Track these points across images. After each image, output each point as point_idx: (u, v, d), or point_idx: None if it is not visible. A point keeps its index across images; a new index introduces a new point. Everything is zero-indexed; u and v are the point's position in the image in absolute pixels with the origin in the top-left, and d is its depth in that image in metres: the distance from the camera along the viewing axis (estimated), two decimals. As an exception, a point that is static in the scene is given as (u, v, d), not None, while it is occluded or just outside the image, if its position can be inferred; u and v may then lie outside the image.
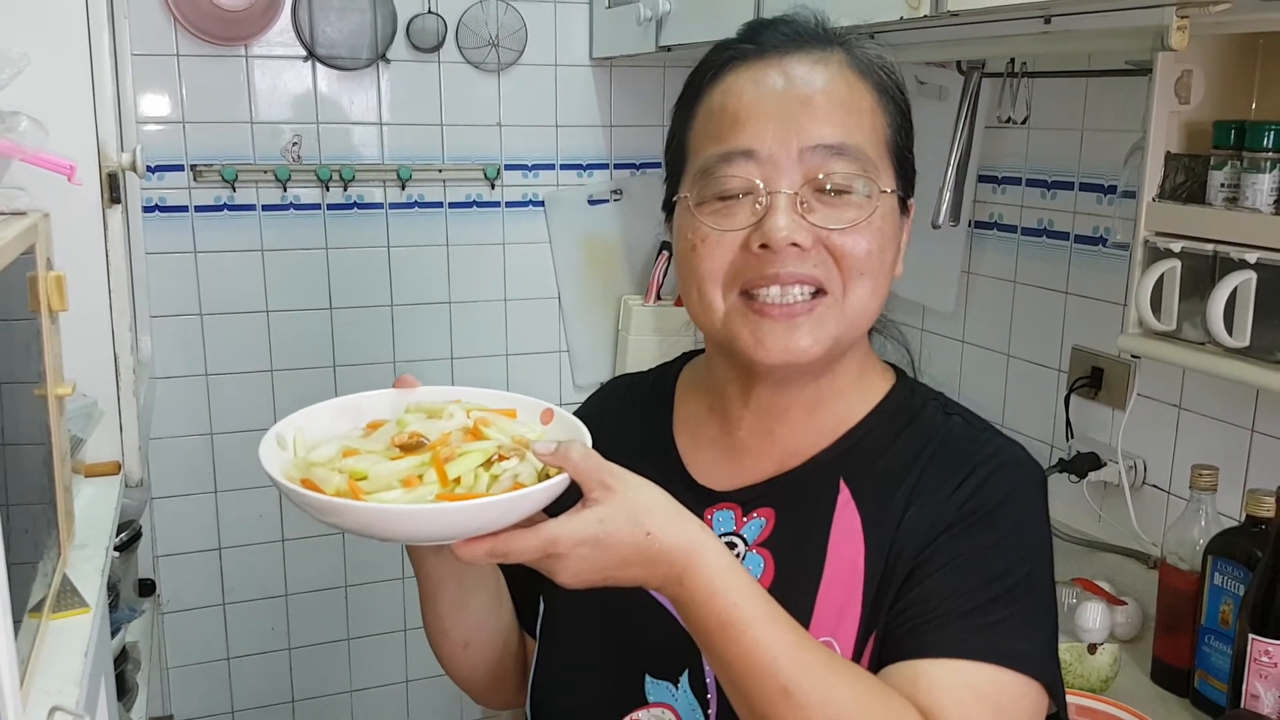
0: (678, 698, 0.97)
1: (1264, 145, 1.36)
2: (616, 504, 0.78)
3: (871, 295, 0.94)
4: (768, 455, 1.00)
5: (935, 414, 0.99)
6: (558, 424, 0.89)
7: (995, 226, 2.20)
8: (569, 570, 0.78)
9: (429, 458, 0.80)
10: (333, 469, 0.81)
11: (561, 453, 0.78)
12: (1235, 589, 1.43)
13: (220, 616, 2.54)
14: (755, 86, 0.93)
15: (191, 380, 2.41)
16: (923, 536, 0.91)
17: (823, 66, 0.93)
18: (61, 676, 0.92)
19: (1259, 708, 1.35)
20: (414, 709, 2.74)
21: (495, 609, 1.07)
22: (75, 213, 1.32)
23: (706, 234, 0.93)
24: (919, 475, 0.94)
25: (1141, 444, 1.87)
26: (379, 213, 2.48)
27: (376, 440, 0.85)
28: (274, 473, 0.79)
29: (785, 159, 0.91)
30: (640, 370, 1.19)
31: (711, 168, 0.93)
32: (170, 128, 2.30)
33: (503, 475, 0.80)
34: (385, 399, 0.91)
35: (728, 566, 0.80)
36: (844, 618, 0.92)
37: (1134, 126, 1.76)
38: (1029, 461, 0.97)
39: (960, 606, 0.87)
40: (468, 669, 1.11)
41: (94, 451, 1.41)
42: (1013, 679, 0.86)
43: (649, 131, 2.65)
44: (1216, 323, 1.38)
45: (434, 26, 2.41)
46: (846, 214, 0.91)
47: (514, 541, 0.77)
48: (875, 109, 0.95)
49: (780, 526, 0.98)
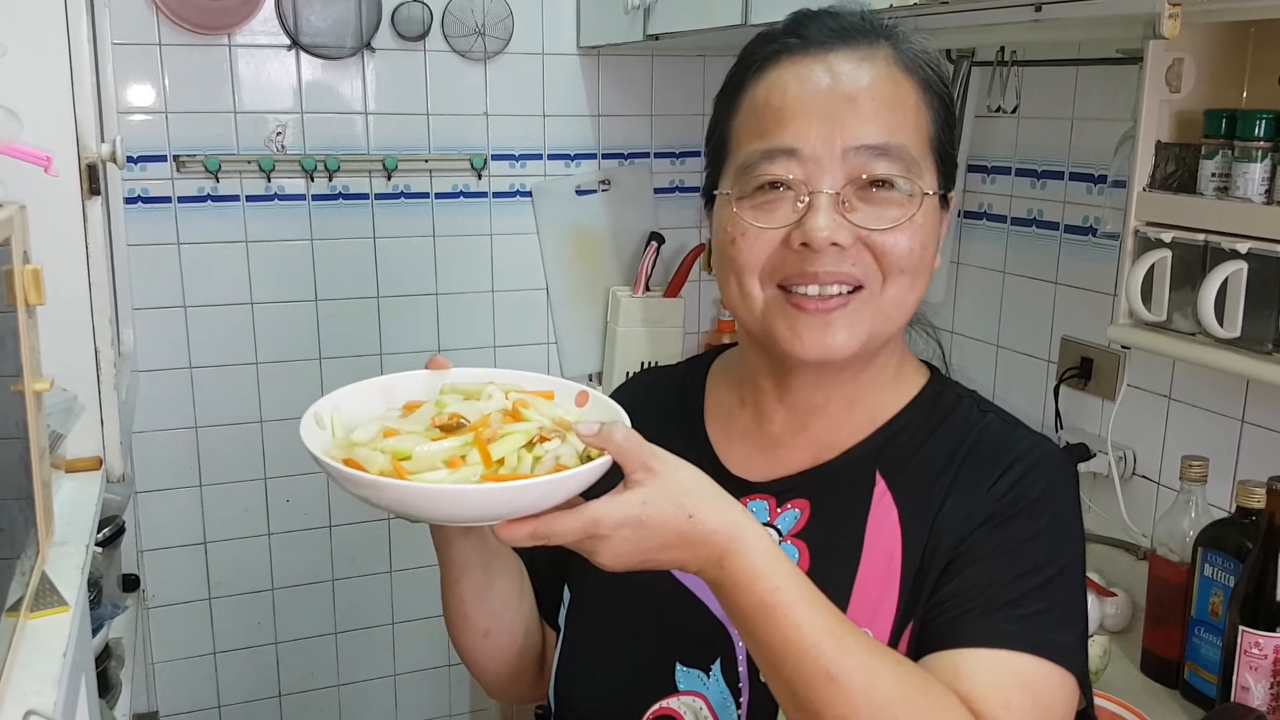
0: (709, 686, 0.97)
1: (1255, 134, 1.36)
2: (659, 485, 0.78)
3: (909, 291, 0.94)
4: (802, 448, 1.01)
5: (970, 410, 1.00)
6: (594, 406, 0.89)
7: (985, 216, 2.19)
8: (610, 552, 0.78)
9: (472, 439, 0.80)
10: (375, 449, 0.81)
11: (604, 434, 0.78)
12: (1225, 580, 1.43)
13: (206, 611, 2.52)
14: (800, 83, 0.92)
15: (175, 373, 2.39)
16: (960, 529, 0.91)
17: (869, 64, 0.93)
18: (39, 678, 0.90)
19: (1249, 700, 1.35)
20: (402, 702, 2.73)
21: (517, 597, 1.07)
22: (53, 204, 1.30)
23: (746, 229, 0.93)
24: (956, 470, 0.95)
25: (1131, 435, 1.87)
26: (364, 203, 2.46)
27: (416, 421, 0.85)
28: (316, 451, 0.79)
29: (828, 158, 0.90)
30: (665, 364, 1.20)
31: (754, 164, 0.93)
32: (153, 118, 2.27)
33: (545, 456, 0.79)
34: (419, 380, 0.92)
35: (769, 550, 0.80)
36: (880, 609, 0.92)
37: (1124, 115, 1.75)
38: (1062, 457, 0.98)
39: (1000, 597, 0.88)
40: (487, 658, 1.10)
41: (75, 447, 1.39)
42: (1050, 670, 0.86)
43: (637, 121, 2.63)
44: (1207, 313, 1.38)
45: (419, 15, 2.39)
46: (889, 213, 0.92)
47: (556, 523, 0.77)
48: (920, 106, 0.94)
49: (815, 518, 0.98)
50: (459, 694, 2.76)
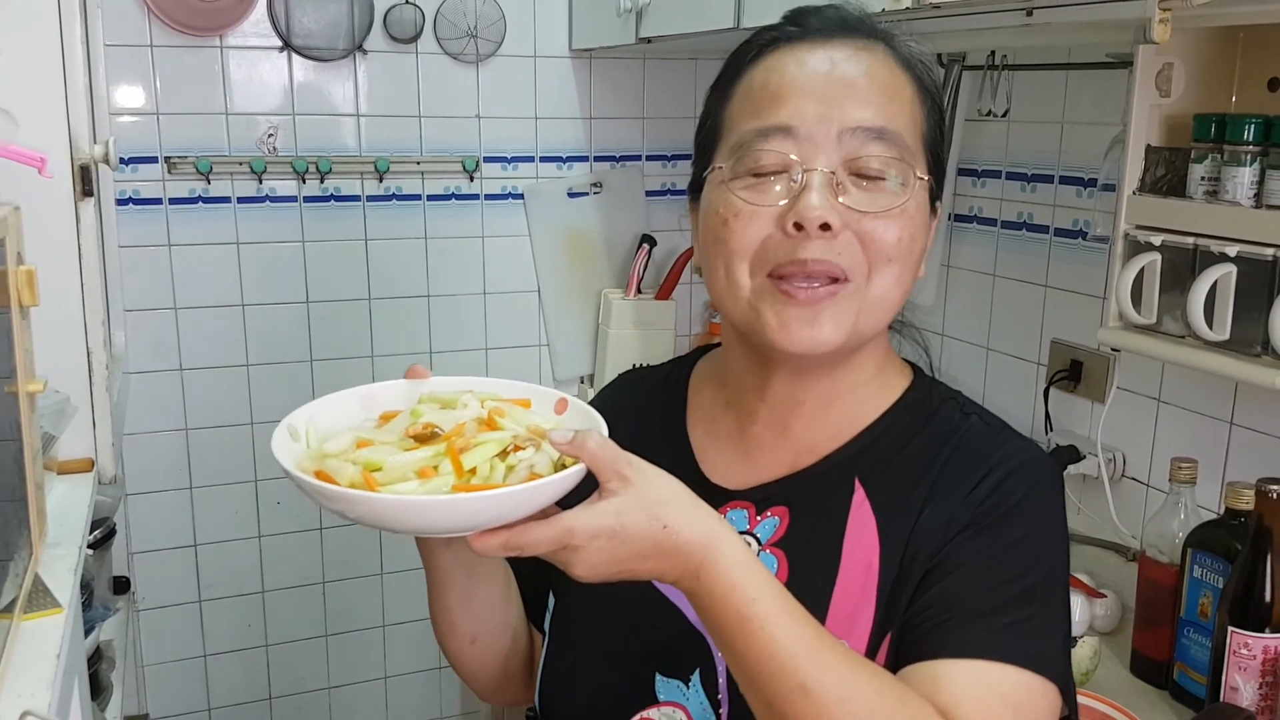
0: (689, 696, 0.96)
1: (1244, 139, 1.37)
2: (633, 495, 0.77)
3: (895, 284, 0.92)
4: (782, 452, 1.00)
5: (953, 413, 0.99)
6: (573, 413, 0.88)
7: (975, 220, 2.20)
8: (584, 562, 0.77)
9: (444, 448, 0.80)
10: (346, 460, 0.80)
11: (578, 442, 0.77)
12: (1214, 581, 1.44)
13: (196, 613, 2.51)
14: (798, 65, 0.92)
15: (166, 375, 2.38)
16: (939, 536, 0.90)
17: (867, 54, 0.93)
18: (33, 679, 0.90)
19: (1238, 700, 1.35)
20: (392, 704, 2.72)
21: (504, 603, 1.07)
22: (46, 206, 1.30)
23: (740, 208, 0.91)
24: (936, 475, 0.94)
25: (1121, 437, 1.88)
26: (356, 205, 2.46)
27: (390, 431, 0.85)
28: (287, 464, 0.78)
29: (824, 138, 0.90)
30: (653, 364, 1.19)
31: (749, 142, 0.92)
32: (144, 119, 2.27)
33: (519, 466, 0.79)
34: (398, 389, 0.91)
35: (745, 561, 0.79)
36: (858, 618, 0.91)
37: (1114, 119, 1.76)
38: (1046, 461, 0.96)
39: (980, 606, 0.87)
40: (475, 664, 1.09)
41: (67, 448, 1.39)
42: (1031, 680, 0.85)
43: (629, 124, 2.64)
44: (1197, 316, 1.39)
45: (412, 17, 2.39)
46: (880, 199, 0.91)
47: (529, 533, 0.75)
48: (915, 100, 0.94)
49: (794, 526, 0.97)
50: (449, 696, 2.75)
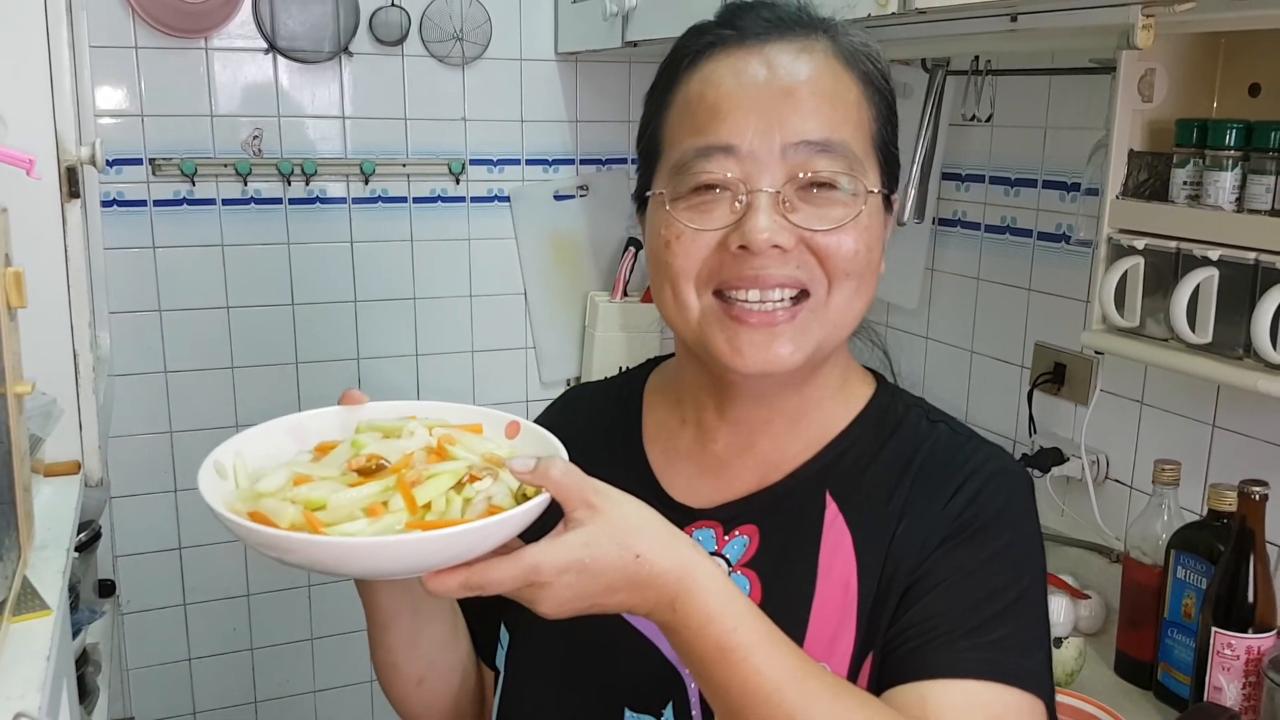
0: None
1: (1226, 143, 1.38)
2: (602, 524, 0.72)
3: (856, 296, 0.89)
4: (748, 468, 0.95)
5: (919, 422, 0.95)
6: (526, 438, 0.82)
7: (959, 223, 2.21)
8: (553, 600, 0.72)
9: (393, 482, 0.73)
10: (285, 499, 0.73)
11: (541, 470, 0.72)
12: (1198, 582, 1.45)
13: (181, 617, 2.50)
14: (736, 76, 0.87)
15: (150, 378, 2.37)
16: (917, 552, 0.87)
17: (807, 55, 0.88)
18: (24, 681, 0.90)
19: (1221, 700, 1.37)
20: (378, 709, 2.71)
21: (451, 641, 1.00)
22: (33, 207, 1.30)
23: (681, 231, 0.87)
24: (909, 488, 0.90)
25: (1104, 439, 1.89)
26: (342, 207, 2.45)
27: (330, 465, 0.78)
28: (217, 506, 0.71)
29: (767, 155, 0.85)
30: (601, 378, 1.14)
31: (688, 163, 0.87)
32: (128, 121, 2.26)
33: (476, 498, 0.73)
34: (332, 417, 0.84)
35: (723, 589, 0.75)
36: (838, 642, 0.87)
37: (1097, 124, 1.78)
38: (1018, 469, 0.94)
39: (963, 624, 0.83)
40: (422, 707, 1.02)
41: (53, 451, 1.39)
42: (1019, 698, 0.83)
43: (615, 127, 2.64)
44: (1179, 319, 1.40)
45: (397, 19, 2.39)
46: (832, 213, 0.86)
47: (491, 571, 0.69)
48: (861, 101, 0.89)
49: (765, 545, 0.92)
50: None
